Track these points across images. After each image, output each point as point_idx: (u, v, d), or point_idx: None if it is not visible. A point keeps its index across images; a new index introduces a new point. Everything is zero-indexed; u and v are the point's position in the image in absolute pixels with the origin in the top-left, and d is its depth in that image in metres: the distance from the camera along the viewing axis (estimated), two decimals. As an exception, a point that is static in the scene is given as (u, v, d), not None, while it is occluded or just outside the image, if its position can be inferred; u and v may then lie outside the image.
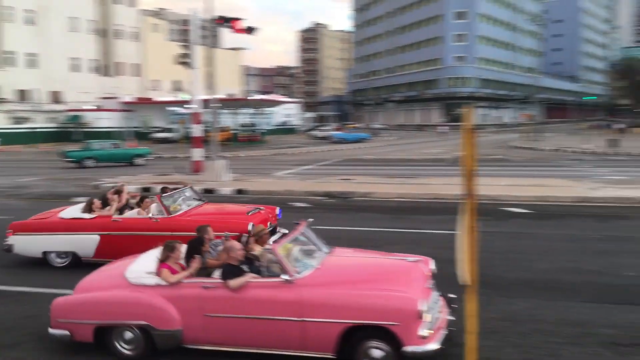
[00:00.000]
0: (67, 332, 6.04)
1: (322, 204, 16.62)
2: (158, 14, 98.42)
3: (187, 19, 25.44)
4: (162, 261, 6.11)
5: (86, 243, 9.61)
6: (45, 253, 9.83)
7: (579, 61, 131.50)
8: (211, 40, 24.71)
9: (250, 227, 8.44)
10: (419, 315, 5.20)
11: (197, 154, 24.08)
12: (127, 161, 31.75)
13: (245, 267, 5.93)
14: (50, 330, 6.15)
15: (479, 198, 14.73)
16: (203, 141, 24.47)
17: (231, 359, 5.86)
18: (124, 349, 5.94)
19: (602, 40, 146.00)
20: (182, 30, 66.29)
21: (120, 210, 10.01)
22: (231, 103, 51.58)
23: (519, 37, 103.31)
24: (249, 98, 59.67)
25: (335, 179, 21.65)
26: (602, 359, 5.98)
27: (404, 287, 5.57)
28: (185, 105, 37.41)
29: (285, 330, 5.56)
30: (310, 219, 6.94)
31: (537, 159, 32.67)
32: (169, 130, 55.05)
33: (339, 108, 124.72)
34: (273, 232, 8.15)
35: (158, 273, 6.03)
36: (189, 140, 27.22)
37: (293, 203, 16.24)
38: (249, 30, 24.49)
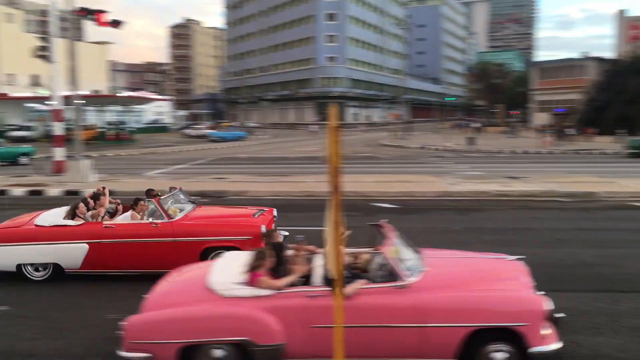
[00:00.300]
0: (147, 355, 5.25)
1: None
2: (13, 2, 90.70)
3: (46, 10, 23.73)
4: (254, 270, 5.50)
5: (72, 253, 8.57)
6: (20, 266, 8.69)
7: (440, 64, 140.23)
8: (73, 32, 23.22)
9: (263, 230, 8.20)
10: (546, 315, 5.13)
11: (59, 153, 22.60)
12: (11, 160, 29.33)
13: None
14: (124, 354, 5.33)
15: (349, 194, 15.21)
16: (65, 140, 23.00)
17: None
18: None
19: (461, 45, 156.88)
20: (40, 21, 61.67)
21: (111, 215, 9.29)
22: (97, 100, 48.96)
23: (386, 40, 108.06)
24: (116, 95, 56.88)
25: (209, 178, 21.35)
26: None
27: (519, 286, 5.53)
28: (45, 102, 34.87)
29: (402, 337, 5.21)
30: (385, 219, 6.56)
31: (404, 156, 34.41)
32: (27, 128, 51.06)
33: (212, 106, 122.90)
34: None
35: (254, 283, 5.44)
36: (49, 139, 25.39)
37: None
38: (115, 23, 23.37)
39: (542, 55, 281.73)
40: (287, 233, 6.72)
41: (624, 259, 9.67)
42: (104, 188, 9.87)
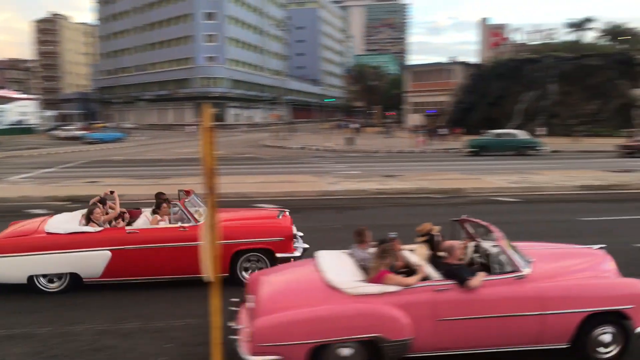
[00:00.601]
0: (277, 357, 5.08)
1: (66, 209, 15.28)
2: None
3: None
4: (380, 267, 5.55)
5: (93, 261, 7.99)
6: (32, 278, 7.95)
7: (319, 66, 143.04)
8: None
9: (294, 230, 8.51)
10: None
11: None
12: None
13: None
14: (251, 358, 5.10)
15: (230, 196, 14.98)
16: None
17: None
18: None
19: (339, 47, 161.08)
20: None
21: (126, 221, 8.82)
22: (-51, 99, 44.48)
23: (266, 41, 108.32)
24: (-28, 93, 52.03)
25: (80, 182, 20.14)
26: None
27: (614, 273, 6.13)
28: None
29: (523, 325, 5.47)
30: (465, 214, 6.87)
31: (285, 157, 34.66)
32: None
33: (84, 106, 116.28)
34: None
35: (381, 280, 5.44)
36: None
37: (30, 210, 14.63)
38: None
39: (414, 59, 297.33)
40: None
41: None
42: (112, 192, 9.36)
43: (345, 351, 5.21)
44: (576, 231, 11.93)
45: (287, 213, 9.56)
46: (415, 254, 6.22)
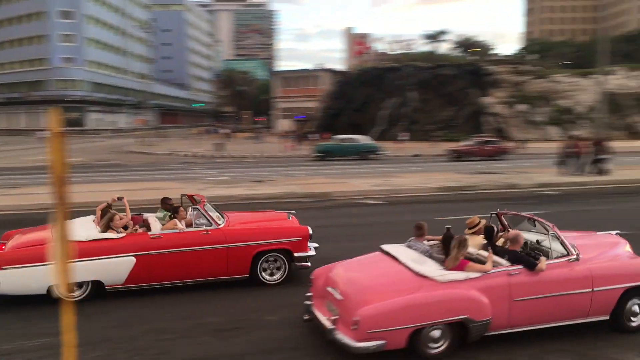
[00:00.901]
0: (382, 342, 5.67)
1: None
2: None
3: None
4: (459, 257, 6.25)
5: (117, 268, 7.87)
6: (52, 288, 6.88)
7: (187, 70, 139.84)
8: None
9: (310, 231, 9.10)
10: None
11: None
12: None
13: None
14: (358, 344, 5.64)
15: (89, 205, 14.00)
16: None
17: None
18: (432, 348, 5.91)
19: (207, 52, 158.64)
20: None
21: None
22: None
23: (129, 43, 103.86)
24: None
25: None
26: (208, 346, 6.46)
27: (633, 254, 7.32)
28: None
29: (579, 302, 6.42)
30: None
31: (151, 163, 33.44)
32: None
33: None
34: None
35: (464, 268, 6.15)
36: None
37: None
38: None
39: (283, 65, 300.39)
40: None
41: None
42: (120, 198, 9.15)
43: (437, 333, 5.88)
44: (438, 231, 12.72)
45: (294, 214, 9.99)
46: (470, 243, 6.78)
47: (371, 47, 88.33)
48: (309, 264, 8.80)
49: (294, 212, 10.21)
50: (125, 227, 8.44)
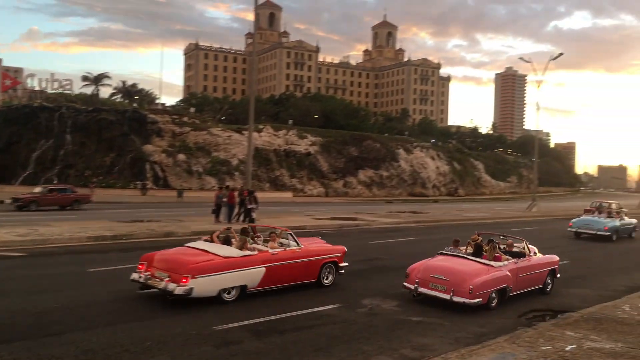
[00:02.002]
0: (480, 299, 10.82)
1: None
2: None
3: None
4: (494, 253, 12.03)
5: (255, 275, 11.08)
6: (221, 291, 10.50)
7: None
8: None
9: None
10: None
11: None
12: None
13: None
14: (473, 301, 10.71)
15: None
16: None
17: None
18: (492, 303, 11.21)
19: None
20: None
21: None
22: None
23: None
24: None
25: None
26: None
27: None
28: None
29: (539, 277, 12.89)
30: None
31: None
32: None
33: None
34: None
35: (500, 259, 11.93)
36: None
37: None
38: None
39: None
40: None
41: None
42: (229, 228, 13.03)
43: (494, 295, 11.15)
44: (82, 283, 11.96)
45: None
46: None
47: (22, 82, 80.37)
48: (343, 271, 13.21)
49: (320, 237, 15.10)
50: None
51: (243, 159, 60.94)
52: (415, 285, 11.35)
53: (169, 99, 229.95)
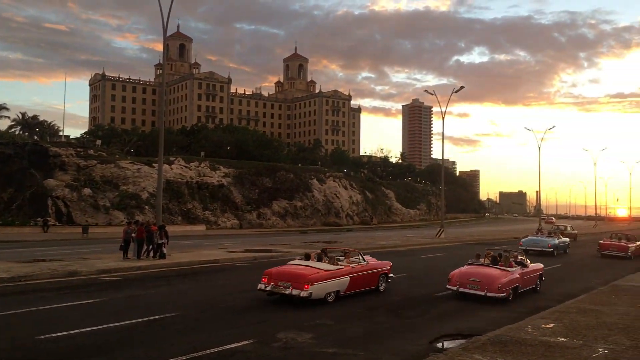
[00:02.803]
0: (506, 294, 15.71)
1: None
2: None
3: None
4: (508, 262, 17.04)
5: (344, 283, 15.68)
6: (326, 294, 14.95)
7: None
8: None
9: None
10: None
11: None
12: None
13: None
14: (502, 295, 15.60)
15: None
16: None
17: None
18: (510, 295, 16.07)
19: None
20: None
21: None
22: None
23: None
24: None
25: None
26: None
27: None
28: None
29: (532, 279, 18.28)
30: None
31: None
32: None
33: None
34: None
35: (512, 266, 16.93)
36: None
37: None
38: None
39: None
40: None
41: None
42: (325, 249, 17.57)
43: (511, 291, 16.27)
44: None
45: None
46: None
47: None
48: (390, 280, 18.01)
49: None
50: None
51: (153, 192, 59.11)
52: (457, 287, 16.28)
53: (74, 131, 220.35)
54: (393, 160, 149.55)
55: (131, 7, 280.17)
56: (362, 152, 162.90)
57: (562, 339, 10.87)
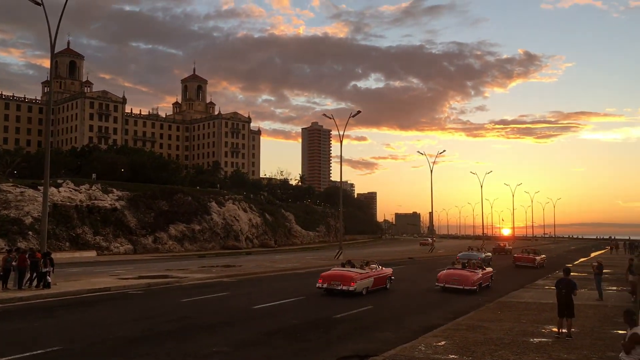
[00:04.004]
0: (476, 287, 24.38)
1: None
2: None
3: None
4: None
5: (370, 282, 23.30)
6: (363, 289, 22.60)
7: None
8: None
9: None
10: None
11: None
12: None
13: None
14: (473, 287, 24.12)
15: None
16: None
17: None
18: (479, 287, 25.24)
19: None
20: None
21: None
22: None
23: None
24: None
25: None
26: None
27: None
28: None
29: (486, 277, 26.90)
30: None
31: None
32: None
33: None
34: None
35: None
36: None
37: None
38: None
39: None
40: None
41: None
42: (367, 262, 25.99)
43: (478, 285, 25.44)
44: None
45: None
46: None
47: None
48: (391, 282, 25.79)
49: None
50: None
51: (38, 217, 55.40)
52: (444, 283, 24.72)
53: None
54: (293, 182, 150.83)
55: (17, 21, 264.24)
56: (262, 175, 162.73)
57: (453, 356, 11.28)
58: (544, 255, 46.00)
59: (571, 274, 14.78)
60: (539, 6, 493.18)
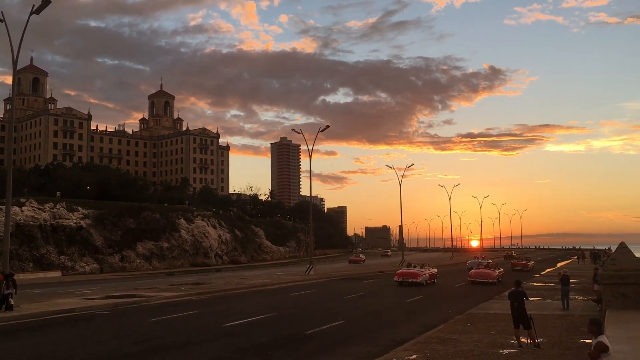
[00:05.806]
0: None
1: None
2: None
3: None
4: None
5: (427, 277, 37.70)
6: (424, 281, 37.14)
7: None
8: None
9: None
10: None
11: None
12: None
13: None
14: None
15: None
16: None
17: None
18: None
19: None
20: None
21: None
22: None
23: None
24: None
25: None
26: None
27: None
28: None
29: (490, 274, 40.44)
30: None
31: None
32: None
33: None
34: None
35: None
36: None
37: None
38: None
39: None
40: None
41: None
42: (410, 264, 43.78)
43: (497, 280, 40.24)
44: None
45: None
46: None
47: None
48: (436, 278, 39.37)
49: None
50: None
51: (0, 237, 53.90)
52: (474, 279, 37.88)
53: None
54: (262, 198, 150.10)
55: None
56: (231, 191, 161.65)
57: (424, 369, 11.32)
58: (532, 262, 63.19)
59: (523, 284, 15.30)
60: (502, 22, 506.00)
